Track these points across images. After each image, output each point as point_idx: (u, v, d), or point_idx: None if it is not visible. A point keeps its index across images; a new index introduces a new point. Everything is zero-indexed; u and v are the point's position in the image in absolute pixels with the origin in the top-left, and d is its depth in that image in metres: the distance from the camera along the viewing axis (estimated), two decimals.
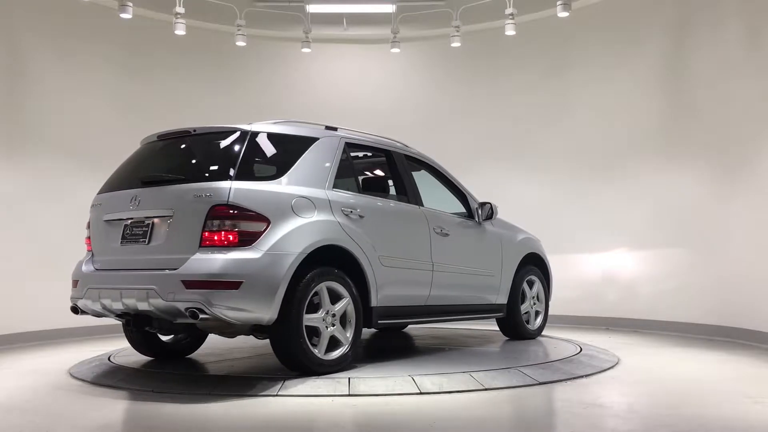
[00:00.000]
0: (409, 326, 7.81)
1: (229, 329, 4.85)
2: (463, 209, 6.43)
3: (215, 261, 4.40)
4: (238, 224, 4.49)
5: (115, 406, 4.39)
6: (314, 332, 4.77)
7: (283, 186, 4.81)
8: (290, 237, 4.61)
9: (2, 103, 7.67)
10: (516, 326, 6.81)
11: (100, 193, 5.26)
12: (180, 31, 8.50)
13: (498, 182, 9.13)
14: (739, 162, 7.22)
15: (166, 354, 5.76)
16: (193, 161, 5.10)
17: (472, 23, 9.43)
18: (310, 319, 4.71)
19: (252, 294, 4.42)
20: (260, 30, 9.60)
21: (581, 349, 6.08)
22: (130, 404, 4.43)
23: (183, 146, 5.18)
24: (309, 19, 9.48)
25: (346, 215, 5.05)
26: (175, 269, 4.45)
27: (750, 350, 6.52)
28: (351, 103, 9.73)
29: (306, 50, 9.48)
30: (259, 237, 4.52)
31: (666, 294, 8.14)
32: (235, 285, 4.36)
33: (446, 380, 4.65)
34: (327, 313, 4.82)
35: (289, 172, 4.91)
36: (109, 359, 5.74)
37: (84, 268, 5.12)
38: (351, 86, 9.97)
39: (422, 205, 5.85)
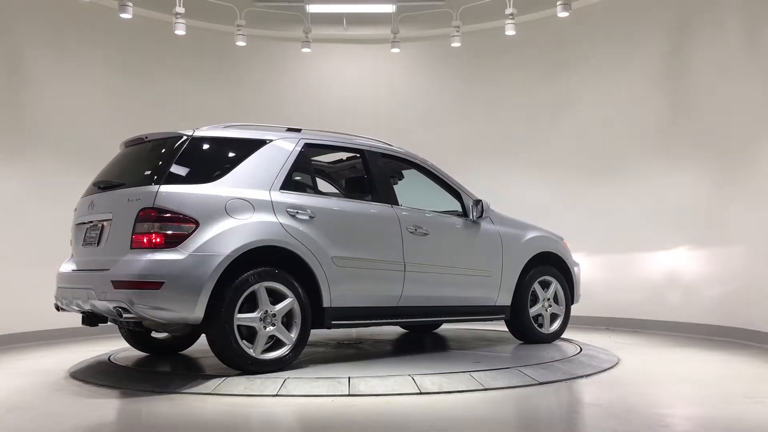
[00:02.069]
0: (441, 327, 7.75)
1: (166, 328, 5.01)
2: (460, 208, 6.35)
3: (138, 262, 4.57)
4: (165, 226, 4.64)
5: (114, 405, 4.40)
6: (254, 332, 4.84)
7: (218, 188, 4.87)
8: (220, 238, 4.69)
9: (2, 103, 7.67)
10: (524, 329, 6.51)
11: (81, 197, 5.50)
12: (180, 31, 8.50)
13: (498, 182, 9.11)
14: (740, 162, 7.22)
15: (160, 350, 5.94)
16: (136, 167, 5.20)
17: (472, 23, 9.43)
18: (243, 318, 4.76)
19: (174, 294, 4.54)
20: (260, 30, 9.60)
21: (581, 349, 6.07)
22: (129, 404, 4.43)
23: (136, 152, 5.34)
24: (309, 19, 9.48)
25: (292, 216, 5.04)
26: (108, 270, 4.66)
27: (750, 350, 6.52)
28: (351, 103, 9.73)
29: (306, 50, 9.48)
30: (186, 239, 4.63)
31: (666, 294, 8.14)
32: (156, 285, 4.50)
33: (446, 380, 4.65)
34: (266, 313, 4.84)
35: (228, 174, 4.98)
36: (108, 359, 5.75)
37: (62, 268, 5.41)
38: (351, 86, 9.96)
39: (396, 204, 5.74)
